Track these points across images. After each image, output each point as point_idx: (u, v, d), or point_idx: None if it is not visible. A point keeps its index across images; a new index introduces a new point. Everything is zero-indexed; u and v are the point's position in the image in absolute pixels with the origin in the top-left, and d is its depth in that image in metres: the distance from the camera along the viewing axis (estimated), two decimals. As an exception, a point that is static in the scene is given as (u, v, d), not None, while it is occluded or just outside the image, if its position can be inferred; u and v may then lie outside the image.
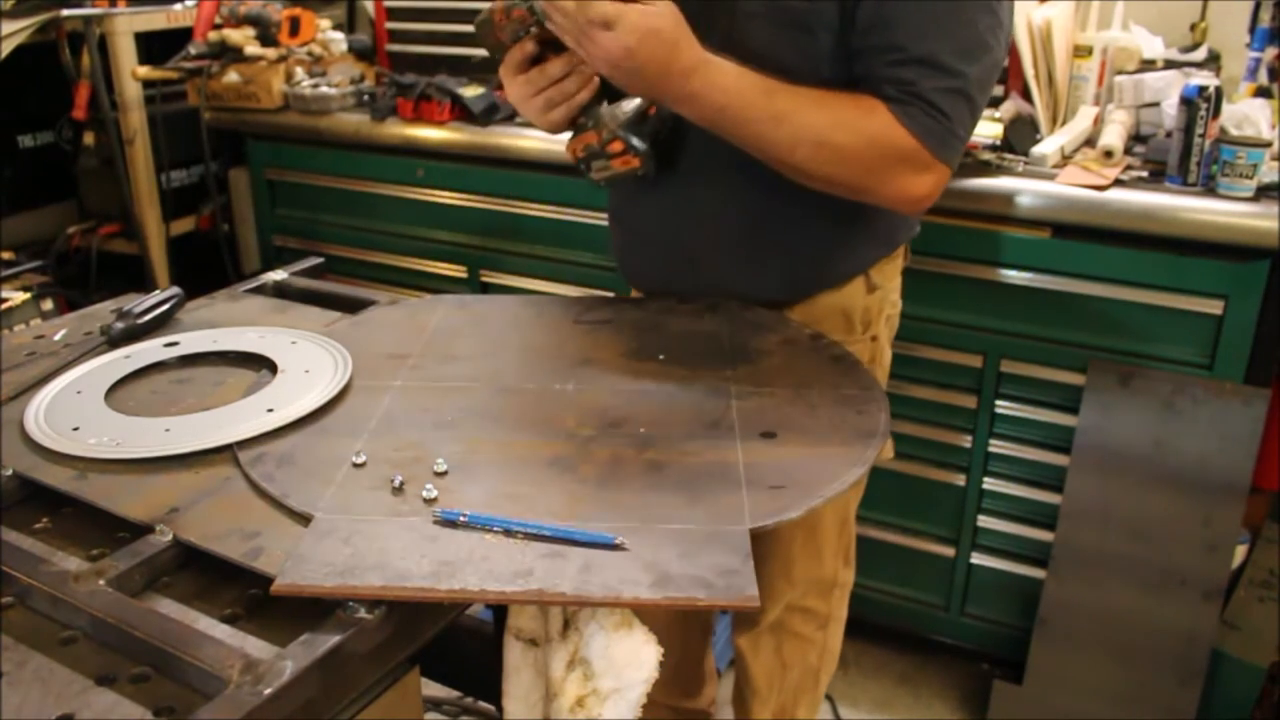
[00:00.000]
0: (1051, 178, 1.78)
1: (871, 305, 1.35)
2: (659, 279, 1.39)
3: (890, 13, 1.12)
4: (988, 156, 1.85)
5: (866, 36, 1.14)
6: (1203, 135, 1.70)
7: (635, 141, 1.18)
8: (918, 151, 1.14)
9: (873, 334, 1.37)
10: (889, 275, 1.38)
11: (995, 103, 1.96)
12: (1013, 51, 1.87)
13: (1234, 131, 1.74)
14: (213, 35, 2.51)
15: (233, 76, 2.47)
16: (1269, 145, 1.67)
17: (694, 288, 1.34)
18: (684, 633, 1.63)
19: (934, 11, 1.12)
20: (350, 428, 0.99)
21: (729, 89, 1.11)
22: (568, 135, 1.24)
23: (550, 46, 1.14)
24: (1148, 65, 1.99)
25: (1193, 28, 2.14)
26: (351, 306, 1.33)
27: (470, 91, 2.28)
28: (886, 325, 1.41)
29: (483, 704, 1.98)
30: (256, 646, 0.73)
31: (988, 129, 1.86)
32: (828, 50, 1.16)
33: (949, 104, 1.13)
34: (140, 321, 1.21)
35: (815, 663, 1.55)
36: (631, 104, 1.19)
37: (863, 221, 1.29)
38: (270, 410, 1.00)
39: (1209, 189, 1.70)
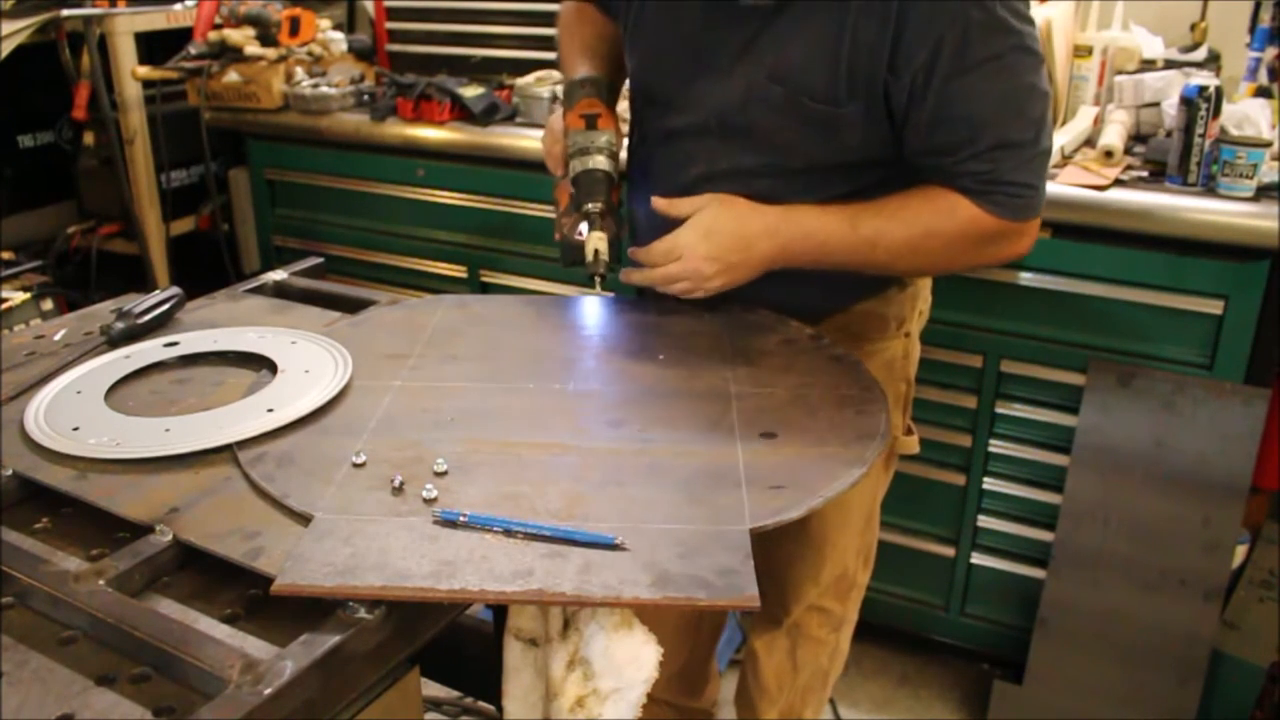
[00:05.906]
0: (1052, 178, 1.77)
1: (905, 303, 1.37)
2: None
3: (951, 111, 1.10)
4: (988, 156, 1.84)
5: (931, 137, 1.13)
6: (1203, 135, 1.70)
7: (582, 223, 1.25)
8: (1009, 229, 1.16)
9: (906, 330, 1.39)
10: None
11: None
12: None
13: (1234, 131, 1.74)
14: (213, 35, 2.51)
15: (233, 76, 2.47)
16: (1269, 145, 1.67)
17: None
18: (694, 633, 1.63)
19: (993, 94, 1.09)
20: (350, 428, 0.99)
21: (814, 231, 1.16)
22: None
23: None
24: (1148, 65, 2.00)
25: (1193, 28, 2.14)
26: (351, 306, 1.33)
27: (470, 91, 2.28)
28: (919, 320, 1.43)
29: (483, 704, 1.98)
30: (256, 646, 0.73)
31: (988, 129, 1.86)
32: (855, 143, 1.17)
33: (1030, 174, 1.14)
34: (140, 321, 1.21)
35: (826, 665, 1.55)
36: (598, 204, 1.24)
37: None
38: (270, 410, 1.00)
39: (1209, 189, 1.70)
